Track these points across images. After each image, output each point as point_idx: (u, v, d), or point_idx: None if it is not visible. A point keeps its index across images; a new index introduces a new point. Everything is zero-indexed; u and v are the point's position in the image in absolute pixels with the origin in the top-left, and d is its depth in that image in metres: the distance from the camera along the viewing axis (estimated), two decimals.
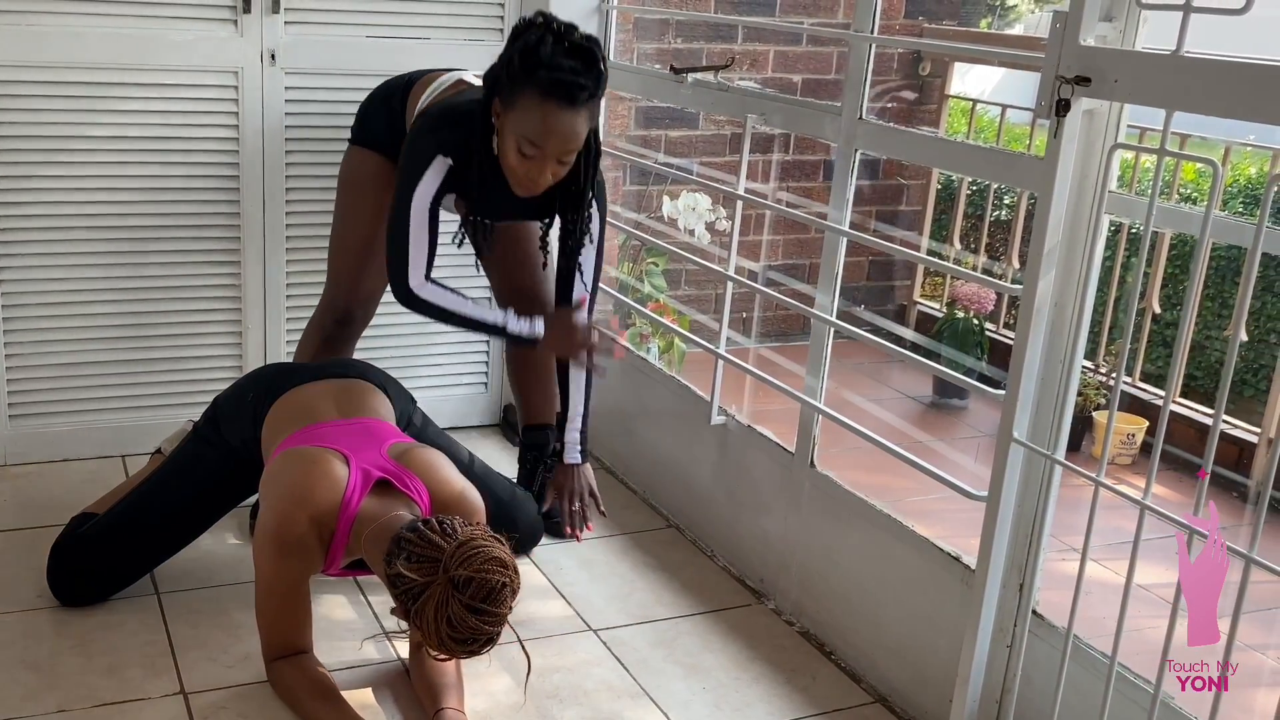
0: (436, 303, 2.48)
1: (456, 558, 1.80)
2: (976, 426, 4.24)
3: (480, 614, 1.78)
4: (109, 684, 2.18)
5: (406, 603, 1.84)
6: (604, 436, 3.33)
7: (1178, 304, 4.21)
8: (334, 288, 2.76)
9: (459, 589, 1.78)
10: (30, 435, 3.00)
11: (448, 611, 1.78)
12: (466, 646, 1.82)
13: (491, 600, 1.79)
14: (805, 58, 4.58)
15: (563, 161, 2.34)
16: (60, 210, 2.88)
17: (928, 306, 5.05)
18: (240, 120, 2.95)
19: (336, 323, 2.75)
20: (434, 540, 1.84)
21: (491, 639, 1.83)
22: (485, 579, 1.78)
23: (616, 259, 4.07)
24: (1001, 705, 2.04)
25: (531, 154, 2.30)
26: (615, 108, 4.16)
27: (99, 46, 2.80)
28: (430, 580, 1.80)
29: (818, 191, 4.61)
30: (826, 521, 2.48)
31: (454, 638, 1.80)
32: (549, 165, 2.33)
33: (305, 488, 2.06)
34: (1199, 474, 1.61)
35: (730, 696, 2.29)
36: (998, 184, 4.77)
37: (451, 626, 1.79)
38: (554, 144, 2.29)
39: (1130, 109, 1.79)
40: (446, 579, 1.79)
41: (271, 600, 2.10)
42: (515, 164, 2.32)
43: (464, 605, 1.78)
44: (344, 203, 2.73)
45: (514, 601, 1.84)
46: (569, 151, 2.33)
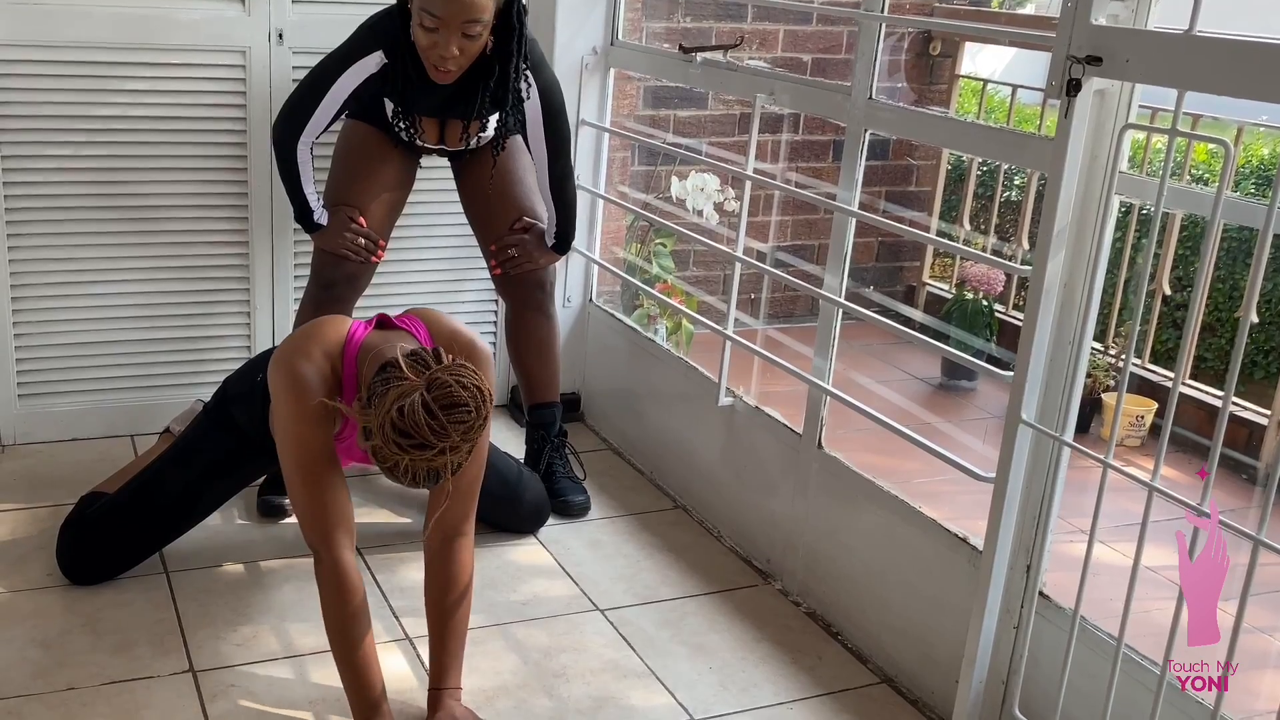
0: (296, 166, 2.60)
1: (447, 369, 1.80)
2: (985, 408, 4.23)
3: (433, 417, 1.74)
4: (118, 662, 2.19)
5: (379, 386, 1.81)
6: (611, 417, 3.33)
7: (1189, 285, 4.19)
8: (318, 254, 2.77)
9: (429, 388, 1.76)
10: (39, 415, 3.01)
11: (407, 401, 1.75)
12: (403, 442, 1.75)
13: (449, 412, 1.75)
14: (815, 37, 4.55)
15: (467, 35, 2.36)
16: (68, 190, 2.88)
17: (937, 288, 5.04)
18: (248, 99, 2.95)
19: (321, 288, 2.74)
20: (441, 356, 1.84)
21: (425, 456, 1.77)
22: (457, 393, 1.76)
23: (624, 239, 4.06)
24: (1008, 686, 2.04)
25: (432, 25, 2.33)
26: (624, 87, 4.14)
27: (107, 26, 2.80)
28: (414, 376, 1.79)
29: (827, 172, 4.59)
30: (834, 503, 2.48)
31: (396, 427, 1.75)
32: (453, 39, 2.35)
33: (313, 329, 2.10)
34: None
35: (736, 676, 2.29)
36: (1008, 165, 4.75)
37: (400, 414, 1.74)
38: (452, 11, 2.32)
39: (1142, 89, 1.78)
40: (426, 378, 1.78)
41: (300, 475, 2.02)
42: (423, 41, 2.37)
43: (424, 401, 1.75)
44: (334, 172, 2.75)
45: (463, 438, 1.78)
46: (471, 21, 2.35)
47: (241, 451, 2.42)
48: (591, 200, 3.32)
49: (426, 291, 3.24)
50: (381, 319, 2.13)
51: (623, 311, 3.50)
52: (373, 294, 3.14)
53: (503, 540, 2.71)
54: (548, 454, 2.90)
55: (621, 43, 3.24)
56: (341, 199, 2.69)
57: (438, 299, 3.20)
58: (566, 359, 3.30)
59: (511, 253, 2.79)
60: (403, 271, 3.20)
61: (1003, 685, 2.05)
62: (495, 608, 2.45)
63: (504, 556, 2.66)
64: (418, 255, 3.21)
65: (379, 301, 3.03)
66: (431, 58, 2.39)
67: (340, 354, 2.05)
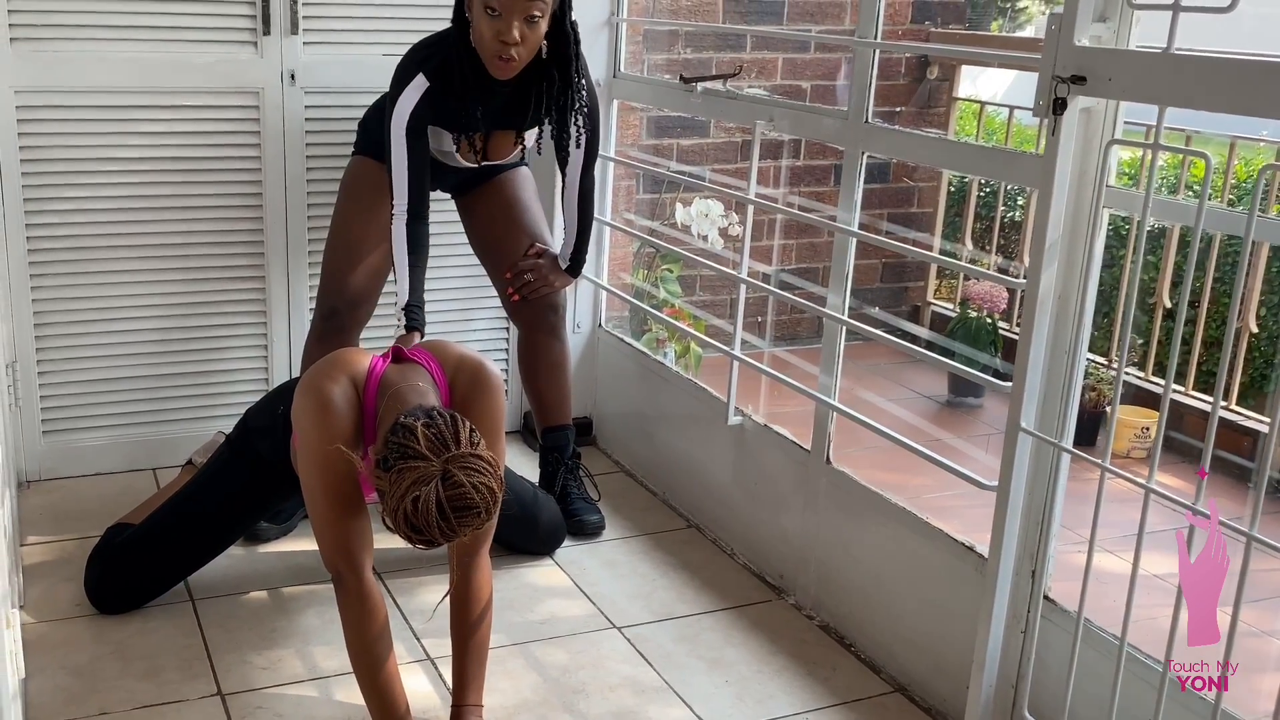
0: (393, 242, 2.60)
1: (463, 459, 1.83)
2: (992, 424, 4.27)
3: (444, 517, 1.80)
4: (148, 687, 2.25)
5: (395, 456, 1.84)
6: (622, 440, 3.39)
7: (1192, 300, 4.24)
8: (322, 285, 2.83)
9: (445, 483, 1.81)
10: (62, 450, 3.07)
11: (422, 491, 1.80)
12: (410, 531, 1.83)
13: (459, 514, 1.81)
14: (813, 64, 4.63)
15: (530, 19, 2.44)
16: (89, 230, 2.96)
17: (941, 307, 5.09)
18: (262, 139, 3.03)
19: (324, 318, 2.80)
20: (459, 434, 1.87)
21: (432, 544, 1.86)
22: (470, 496, 1.81)
23: (631, 266, 4.13)
24: (1017, 690, 2.08)
25: (496, 12, 2.41)
26: (627, 118, 4.22)
27: (123, 70, 2.89)
28: (431, 456, 1.83)
29: (829, 195, 4.66)
30: (843, 517, 2.53)
31: (409, 518, 1.81)
32: (515, 22, 2.42)
33: (338, 357, 2.16)
34: (1199, 473, 1.66)
35: (753, 689, 2.34)
36: (1006, 185, 4.81)
37: (414, 507, 1.80)
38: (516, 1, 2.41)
39: (1137, 108, 1.84)
40: (444, 465, 1.82)
41: (325, 499, 2.06)
42: (485, 31, 2.44)
43: (438, 498, 1.80)
44: (339, 204, 2.82)
45: (468, 533, 1.86)
46: (531, 12, 2.43)
47: (263, 481, 2.48)
48: (599, 227, 3.39)
49: (437, 322, 3.29)
50: (396, 352, 2.19)
51: (632, 336, 3.56)
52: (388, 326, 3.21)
53: (520, 562, 2.77)
54: (562, 476, 2.96)
55: (624, 74, 3.32)
56: (346, 232, 2.77)
57: (448, 329, 3.27)
58: (578, 384, 3.36)
59: (528, 277, 2.85)
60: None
61: (1012, 689, 2.10)
62: (514, 628, 2.51)
63: (521, 578, 2.71)
64: (428, 287, 3.27)
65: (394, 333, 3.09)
66: (494, 47, 2.45)
67: (364, 385, 2.11)
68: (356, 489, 2.08)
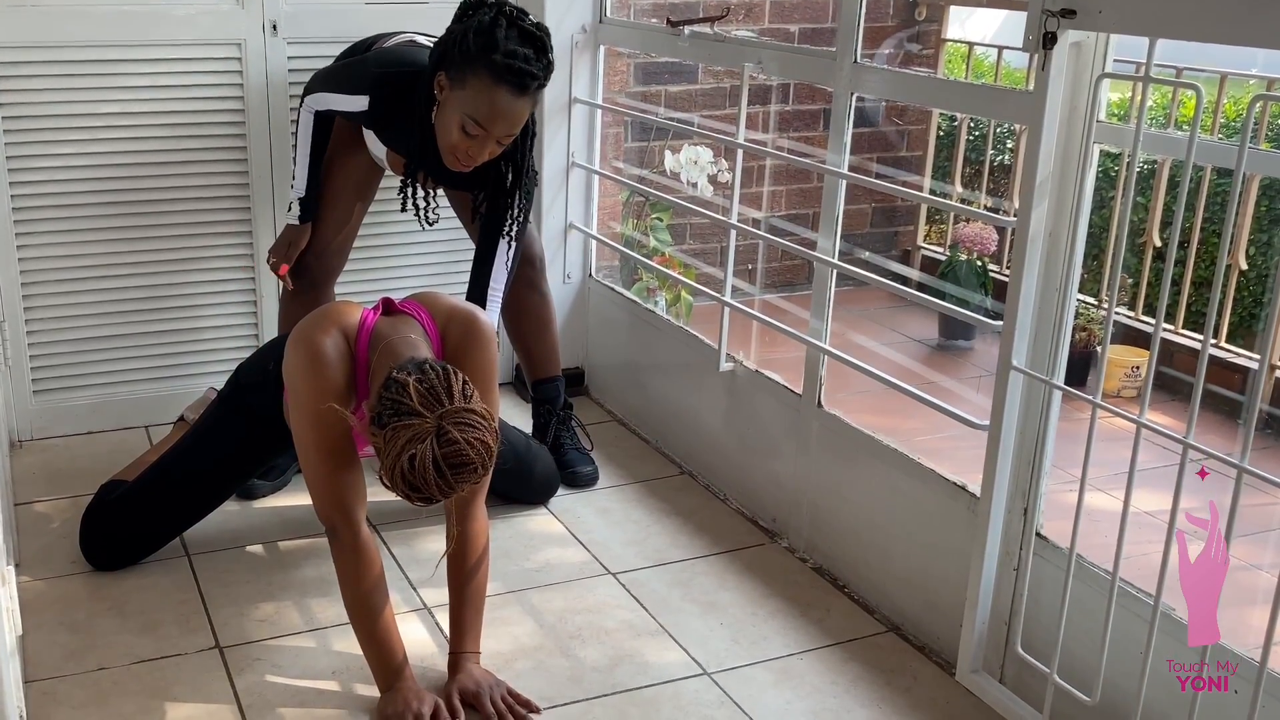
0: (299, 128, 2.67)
1: (457, 414, 1.83)
2: (982, 366, 4.28)
3: (441, 475, 1.80)
4: (146, 642, 2.26)
5: (389, 413, 1.84)
6: (615, 389, 3.39)
7: (1182, 239, 4.24)
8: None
9: (440, 440, 1.80)
10: (54, 409, 3.07)
11: (417, 449, 1.79)
12: (409, 490, 1.83)
13: (455, 470, 1.81)
14: (801, 6, 4.59)
15: (502, 143, 2.42)
16: (73, 187, 2.94)
17: (932, 251, 5.09)
18: (245, 91, 3.00)
19: (295, 275, 2.79)
20: (452, 387, 1.86)
21: (430, 501, 1.85)
22: (465, 452, 1.81)
23: (621, 215, 4.11)
24: (1010, 626, 2.10)
25: (475, 134, 2.37)
26: (614, 64, 4.18)
27: (104, 24, 2.85)
28: (425, 412, 1.82)
29: (819, 140, 4.64)
30: (835, 460, 2.54)
31: (405, 477, 1.81)
32: (489, 145, 2.41)
33: (329, 310, 2.15)
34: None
35: (747, 631, 2.35)
36: (995, 128, 4.79)
37: (410, 465, 1.80)
38: (500, 127, 2.38)
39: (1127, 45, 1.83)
40: (438, 421, 1.81)
41: (318, 452, 2.06)
42: (456, 141, 2.39)
43: (434, 456, 1.79)
44: None
45: (467, 488, 1.86)
46: (511, 135, 2.42)
47: (256, 436, 2.48)
48: (587, 176, 3.37)
49: (426, 274, 3.28)
50: (386, 303, 2.18)
51: (622, 285, 3.55)
52: (370, 280, 3.21)
53: (515, 511, 2.77)
54: (554, 427, 2.96)
55: (610, 19, 3.29)
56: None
57: (436, 281, 3.25)
58: (569, 334, 3.35)
59: None
60: (401, 255, 3.25)
61: (1005, 626, 2.12)
62: (510, 576, 2.52)
63: (517, 527, 2.72)
64: (414, 240, 3.26)
65: (378, 287, 3.10)
66: (460, 155, 2.41)
67: (355, 337, 2.11)
68: (349, 442, 2.08)
